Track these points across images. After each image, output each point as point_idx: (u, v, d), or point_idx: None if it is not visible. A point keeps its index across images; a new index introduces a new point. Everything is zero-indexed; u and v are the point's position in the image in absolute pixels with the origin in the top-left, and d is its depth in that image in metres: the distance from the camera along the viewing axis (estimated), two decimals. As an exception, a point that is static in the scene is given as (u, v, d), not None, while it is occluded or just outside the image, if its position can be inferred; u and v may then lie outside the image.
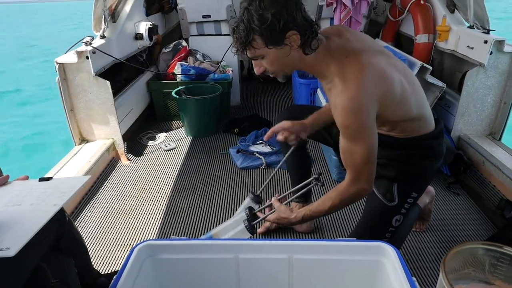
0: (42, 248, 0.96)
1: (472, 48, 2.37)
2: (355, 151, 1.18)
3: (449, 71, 2.84)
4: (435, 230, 1.86)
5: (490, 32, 2.30)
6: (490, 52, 2.21)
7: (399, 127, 1.31)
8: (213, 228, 1.87)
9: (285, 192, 1.63)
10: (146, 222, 1.98)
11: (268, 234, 1.85)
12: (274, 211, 1.40)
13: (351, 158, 1.20)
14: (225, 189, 2.26)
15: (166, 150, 2.76)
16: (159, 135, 3.00)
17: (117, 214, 2.05)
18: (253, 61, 1.23)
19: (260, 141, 2.72)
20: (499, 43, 2.19)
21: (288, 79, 1.28)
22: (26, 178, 1.06)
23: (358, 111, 1.13)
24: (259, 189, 1.62)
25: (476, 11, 2.38)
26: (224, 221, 1.79)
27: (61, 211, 1.07)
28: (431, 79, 2.44)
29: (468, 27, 2.49)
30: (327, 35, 1.25)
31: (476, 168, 2.21)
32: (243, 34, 1.13)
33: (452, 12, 2.72)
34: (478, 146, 2.27)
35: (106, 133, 2.54)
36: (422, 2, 2.91)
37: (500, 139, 2.39)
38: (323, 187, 1.49)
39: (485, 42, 2.22)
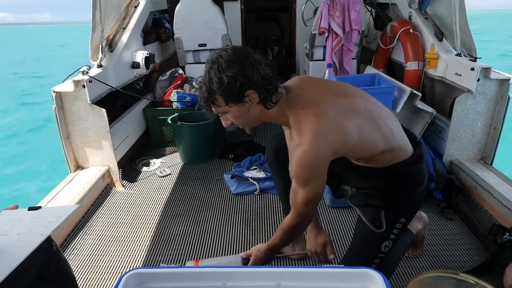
0: (27, 277, 0.95)
1: (460, 75, 2.43)
2: (299, 194, 1.30)
3: (440, 97, 2.89)
4: (428, 255, 1.86)
5: (477, 59, 2.36)
6: (477, 79, 2.26)
7: (374, 160, 1.34)
8: (205, 256, 1.88)
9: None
10: (139, 249, 1.97)
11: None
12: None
13: (295, 198, 1.34)
14: (219, 215, 2.26)
15: (161, 176, 2.77)
16: (154, 161, 3.01)
17: (110, 241, 2.04)
18: (220, 116, 1.33)
19: (255, 167, 2.74)
20: (486, 70, 2.25)
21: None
22: (16, 207, 1.07)
23: (309, 165, 1.23)
24: (252, 216, 1.64)
25: (463, 40, 2.46)
26: (216, 249, 1.80)
27: (49, 240, 1.06)
28: (421, 105, 2.49)
29: (456, 54, 2.56)
30: (288, 87, 1.33)
31: (468, 193, 2.22)
32: (205, 94, 1.22)
33: (440, 40, 2.80)
34: (469, 171, 2.29)
35: (102, 159, 2.55)
36: (411, 31, 3.00)
37: (491, 164, 2.42)
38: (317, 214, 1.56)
39: (472, 69, 2.28)
